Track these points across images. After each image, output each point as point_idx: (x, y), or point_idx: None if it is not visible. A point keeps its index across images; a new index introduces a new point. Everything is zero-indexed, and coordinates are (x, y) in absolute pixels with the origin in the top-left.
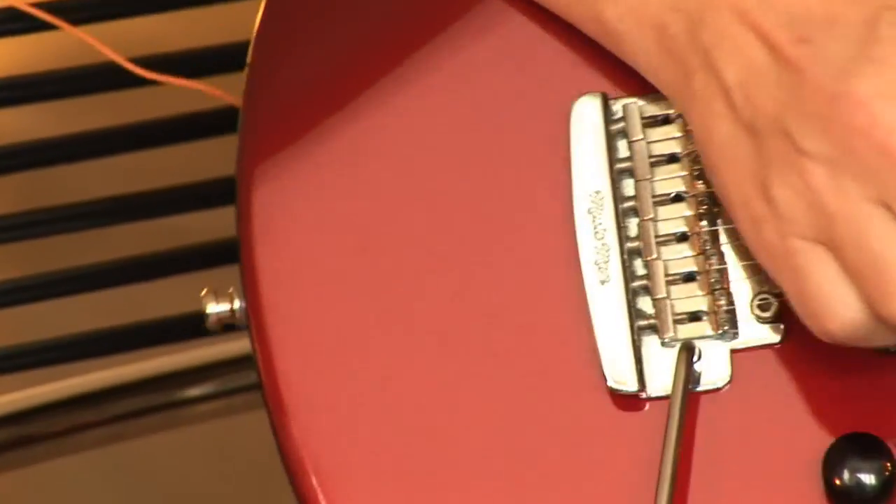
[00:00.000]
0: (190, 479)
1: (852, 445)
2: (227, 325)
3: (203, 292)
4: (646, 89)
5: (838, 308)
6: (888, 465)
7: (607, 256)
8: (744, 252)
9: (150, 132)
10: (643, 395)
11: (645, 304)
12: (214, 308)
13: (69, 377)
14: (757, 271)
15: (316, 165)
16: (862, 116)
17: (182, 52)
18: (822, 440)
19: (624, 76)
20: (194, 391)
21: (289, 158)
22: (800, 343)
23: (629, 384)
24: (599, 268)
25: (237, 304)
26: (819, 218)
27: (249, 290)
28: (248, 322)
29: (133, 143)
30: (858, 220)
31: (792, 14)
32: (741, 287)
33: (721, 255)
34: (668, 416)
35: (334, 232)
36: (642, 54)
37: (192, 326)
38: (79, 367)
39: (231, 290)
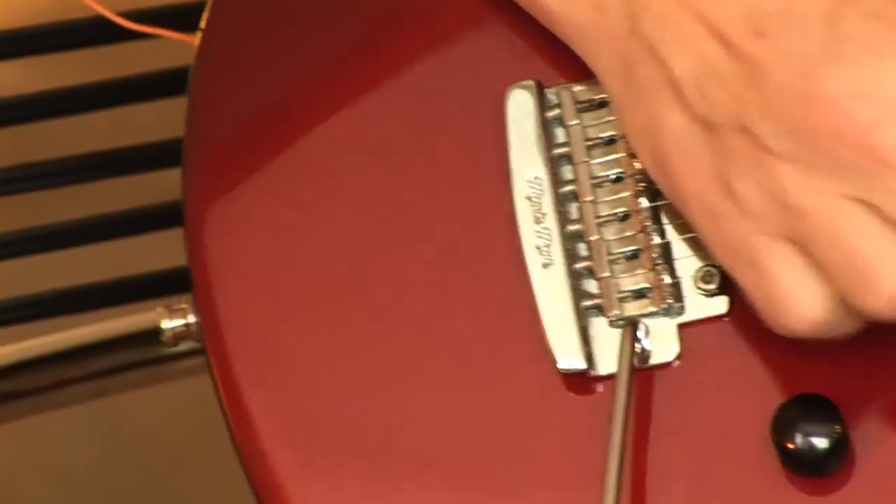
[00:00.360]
0: (173, 434)
1: (802, 408)
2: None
3: (157, 309)
4: (582, 74)
5: (799, 304)
6: (838, 427)
7: (549, 240)
8: (684, 227)
9: (137, 87)
10: (593, 375)
11: (589, 284)
12: (169, 324)
13: (53, 332)
14: (699, 245)
15: (259, 168)
16: (834, 117)
17: (170, 6)
18: (774, 405)
19: (561, 62)
20: (178, 346)
21: (232, 169)
22: (746, 313)
23: (578, 363)
24: (542, 252)
25: (191, 318)
26: (788, 215)
27: (203, 306)
28: (202, 336)
29: (120, 98)
30: (834, 217)
31: (743, 6)
32: (684, 261)
33: (662, 232)
34: (615, 392)
35: (284, 236)
36: (580, 39)
37: (177, 282)
38: (62, 322)
39: (184, 305)
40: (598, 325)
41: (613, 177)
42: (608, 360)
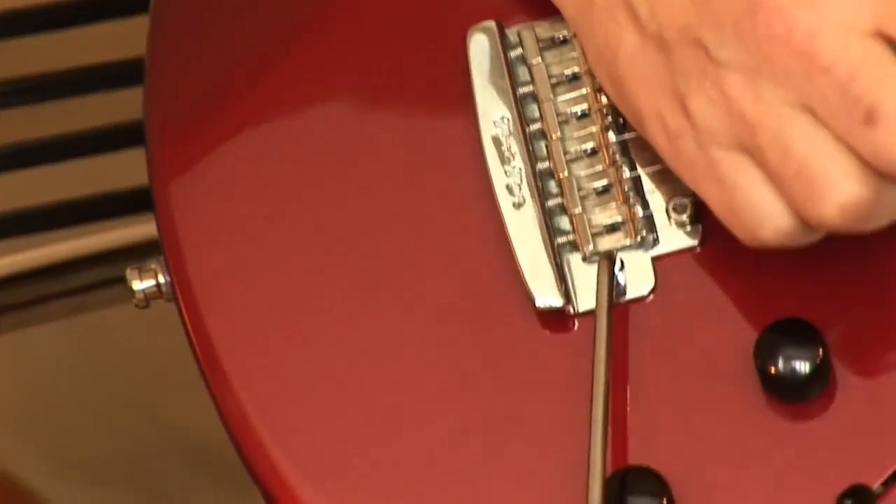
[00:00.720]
0: (153, 349)
1: (783, 332)
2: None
3: (127, 271)
4: (542, 13)
5: (767, 216)
6: (820, 350)
7: (519, 180)
8: (654, 159)
9: (117, 2)
10: (571, 311)
11: (562, 221)
12: (140, 286)
13: (32, 248)
14: (670, 176)
15: (224, 128)
16: (779, 24)
17: None
18: (753, 332)
19: (520, 1)
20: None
21: (198, 130)
22: (719, 242)
23: (555, 300)
24: (512, 192)
25: (161, 279)
26: (739, 126)
27: (174, 266)
28: (174, 296)
29: (94, 15)
30: (780, 126)
31: None
32: (656, 194)
33: (632, 164)
34: (596, 325)
35: (252, 193)
36: None
37: None
38: (43, 238)
39: (154, 266)
40: (573, 260)
41: (579, 113)
42: (584, 296)
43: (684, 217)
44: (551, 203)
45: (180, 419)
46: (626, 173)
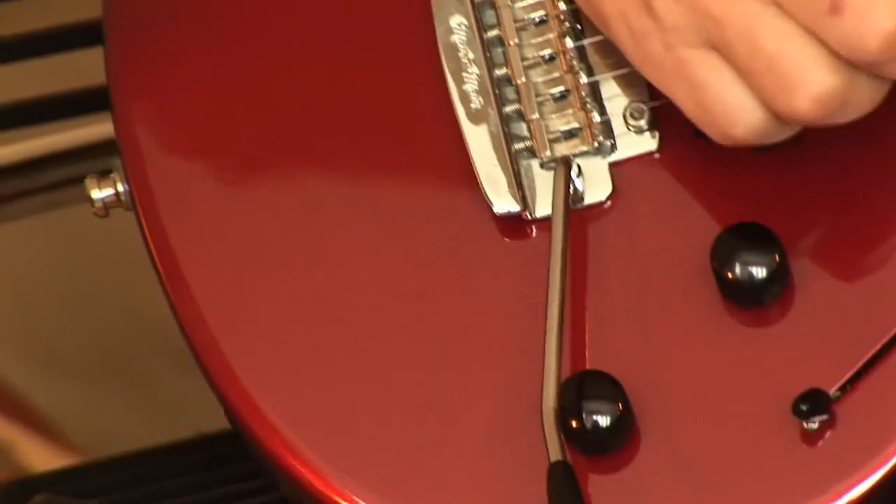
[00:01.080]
0: (126, 244)
1: (740, 236)
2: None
3: (86, 179)
4: None
5: (739, 112)
6: (777, 254)
7: (477, 86)
8: (612, 64)
9: None
10: (528, 217)
11: (519, 128)
12: (99, 194)
13: (6, 145)
14: (627, 82)
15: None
16: None
17: None
18: (711, 237)
19: None
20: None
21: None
22: (677, 148)
23: (512, 206)
24: (470, 98)
25: (121, 187)
26: (706, 22)
27: (132, 173)
28: (133, 204)
29: None
30: (747, 21)
31: None
32: (613, 100)
33: (590, 70)
34: (552, 229)
35: (212, 100)
36: None
37: None
38: (10, 135)
39: (113, 174)
40: (530, 167)
41: (537, 19)
42: (543, 203)
43: (642, 122)
44: (509, 109)
45: (153, 309)
46: (584, 79)
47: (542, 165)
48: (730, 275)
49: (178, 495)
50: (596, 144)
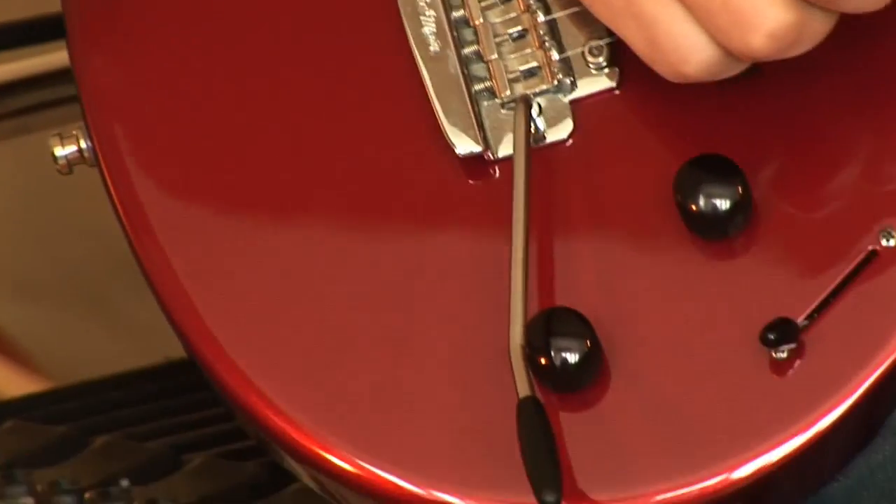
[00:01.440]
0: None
1: (702, 168)
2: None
3: (50, 138)
4: None
5: (691, 49)
6: (740, 185)
7: (434, 29)
8: (568, 2)
9: None
10: (490, 157)
11: (479, 69)
12: (62, 152)
13: None
14: (585, 20)
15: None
16: None
17: None
18: (674, 171)
19: None
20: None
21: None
22: (637, 84)
23: (474, 146)
24: (428, 41)
25: (83, 143)
26: None
27: (95, 128)
28: (96, 160)
29: None
30: None
31: None
32: (571, 38)
33: (547, 9)
34: (514, 168)
35: (172, 51)
36: None
37: None
38: None
39: (76, 131)
40: (491, 108)
41: None
42: (505, 143)
43: (601, 60)
44: (467, 51)
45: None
46: (541, 17)
47: (502, 106)
48: (693, 207)
49: (147, 421)
50: (555, 83)
